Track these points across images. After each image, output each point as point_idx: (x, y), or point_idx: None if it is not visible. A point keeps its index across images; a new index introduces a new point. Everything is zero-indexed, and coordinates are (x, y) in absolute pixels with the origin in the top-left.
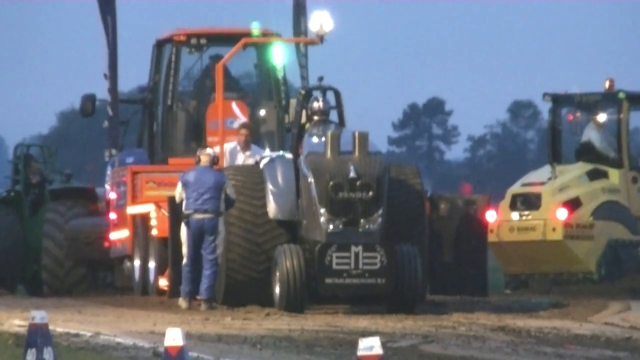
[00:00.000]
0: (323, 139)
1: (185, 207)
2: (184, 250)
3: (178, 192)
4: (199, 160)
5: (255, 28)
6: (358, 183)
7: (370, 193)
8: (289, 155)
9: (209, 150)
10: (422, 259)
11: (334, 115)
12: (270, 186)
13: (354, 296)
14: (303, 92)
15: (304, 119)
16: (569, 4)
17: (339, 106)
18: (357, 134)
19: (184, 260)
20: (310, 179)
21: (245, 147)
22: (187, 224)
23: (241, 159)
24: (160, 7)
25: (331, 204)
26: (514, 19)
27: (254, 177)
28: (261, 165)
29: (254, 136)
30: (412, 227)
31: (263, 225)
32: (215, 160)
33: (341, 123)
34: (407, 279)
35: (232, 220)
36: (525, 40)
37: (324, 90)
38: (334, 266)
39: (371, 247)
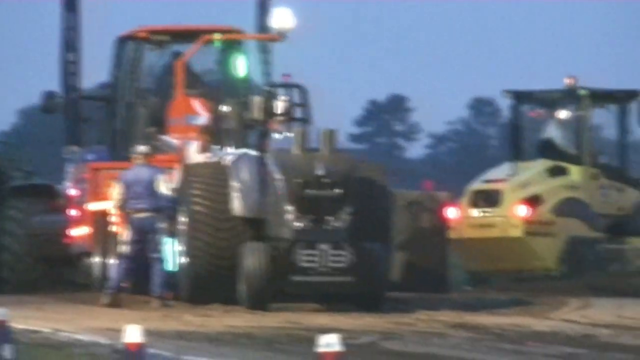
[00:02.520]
0: (289, 135)
1: (127, 207)
2: (123, 248)
3: (117, 193)
4: (134, 159)
5: (217, 36)
6: (326, 180)
7: (338, 190)
8: (254, 153)
9: (141, 149)
10: (388, 256)
11: (299, 113)
12: (235, 183)
13: (321, 294)
14: (269, 89)
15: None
16: (528, 0)
17: (305, 103)
18: (324, 131)
19: (119, 258)
20: (278, 176)
21: (205, 149)
22: (129, 223)
23: (201, 159)
24: (123, 4)
25: (298, 201)
26: (474, 16)
27: (218, 174)
28: (226, 163)
29: (214, 138)
30: (379, 224)
31: (228, 222)
32: (149, 156)
33: (307, 120)
34: (374, 277)
35: (197, 217)
36: (486, 37)
37: (289, 87)
38: (301, 264)
39: (339, 244)
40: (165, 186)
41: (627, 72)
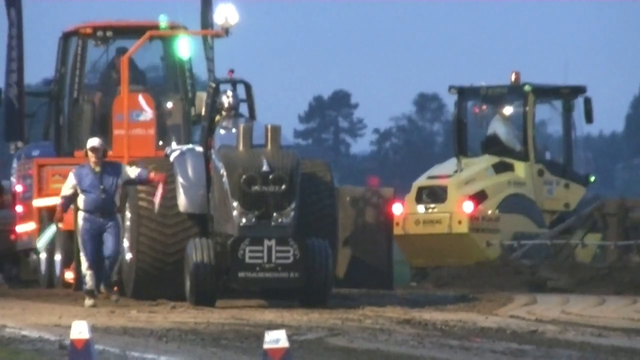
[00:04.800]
0: (234, 131)
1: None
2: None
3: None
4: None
5: (163, 21)
6: (271, 176)
7: (283, 187)
8: (199, 148)
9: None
10: (333, 252)
11: (244, 109)
12: (180, 179)
13: (267, 290)
14: (213, 85)
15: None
16: None
17: (249, 99)
18: (269, 127)
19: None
20: (223, 172)
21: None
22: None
23: None
24: (67, 0)
25: (244, 197)
26: (419, 11)
27: (164, 170)
28: (171, 159)
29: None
30: (323, 220)
31: (173, 218)
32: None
33: (252, 116)
34: (319, 272)
35: (142, 213)
36: (431, 32)
37: (234, 83)
38: (247, 260)
39: (284, 240)
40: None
41: (574, 67)
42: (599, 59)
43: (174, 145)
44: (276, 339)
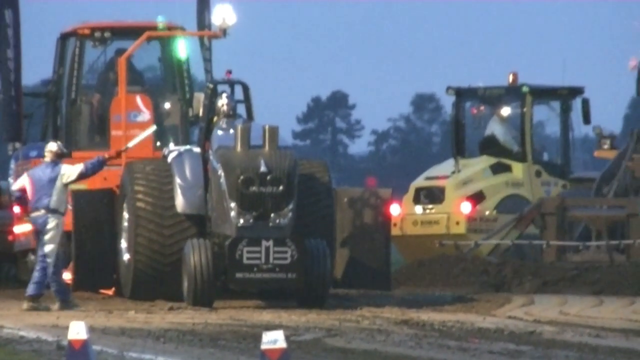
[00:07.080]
0: (232, 131)
1: (30, 205)
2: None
3: (18, 185)
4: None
5: (161, 22)
6: (268, 177)
7: (281, 187)
8: (196, 149)
9: (50, 146)
10: (331, 253)
11: (241, 109)
12: (178, 180)
13: (265, 291)
14: (211, 86)
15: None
16: None
17: (247, 100)
18: (267, 128)
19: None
20: (220, 173)
21: None
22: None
23: None
24: (65, 1)
25: (241, 198)
26: (415, 12)
27: (161, 170)
28: (169, 159)
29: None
30: (321, 221)
31: (171, 219)
32: (59, 154)
33: (249, 117)
34: (317, 273)
35: (140, 213)
36: (428, 33)
37: (232, 84)
38: (245, 261)
39: (282, 241)
40: (73, 169)
41: (572, 68)
42: (597, 60)
43: (171, 146)
44: (274, 339)
